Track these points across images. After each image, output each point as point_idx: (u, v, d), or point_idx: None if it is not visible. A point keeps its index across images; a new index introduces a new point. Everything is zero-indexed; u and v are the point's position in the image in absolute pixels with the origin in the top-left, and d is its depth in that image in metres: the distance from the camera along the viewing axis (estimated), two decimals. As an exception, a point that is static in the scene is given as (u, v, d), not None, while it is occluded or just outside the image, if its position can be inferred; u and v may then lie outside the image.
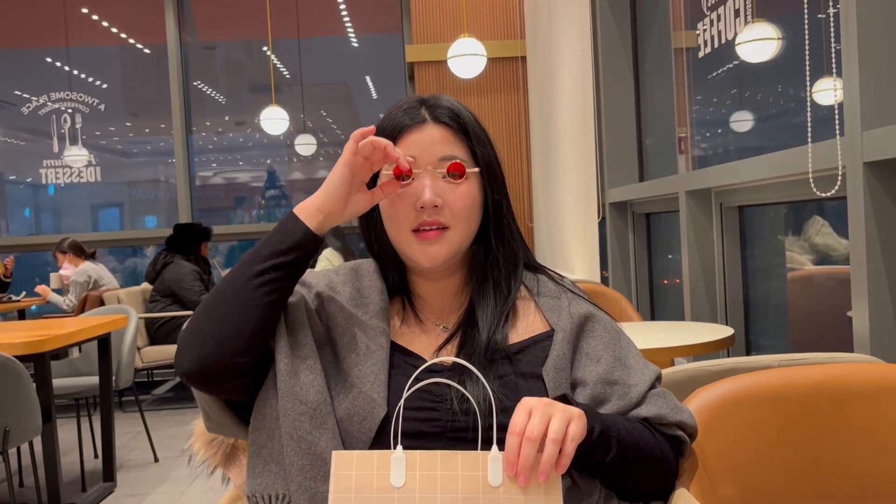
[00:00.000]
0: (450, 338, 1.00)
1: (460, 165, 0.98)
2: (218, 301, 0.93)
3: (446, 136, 1.00)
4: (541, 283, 1.07)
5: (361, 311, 1.01)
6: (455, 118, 1.01)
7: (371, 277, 1.05)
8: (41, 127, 6.05)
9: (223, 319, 0.92)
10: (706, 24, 2.93)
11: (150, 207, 6.69)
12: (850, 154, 1.66)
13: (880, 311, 1.61)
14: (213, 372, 0.92)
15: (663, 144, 3.75)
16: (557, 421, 0.81)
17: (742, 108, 3.29)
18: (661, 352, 2.02)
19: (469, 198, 0.99)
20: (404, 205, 0.97)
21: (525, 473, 0.79)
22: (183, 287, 4.76)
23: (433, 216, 0.97)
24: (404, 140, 0.99)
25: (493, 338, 0.98)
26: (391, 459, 0.80)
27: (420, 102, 1.03)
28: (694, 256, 2.88)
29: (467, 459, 0.80)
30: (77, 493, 3.21)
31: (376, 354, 0.96)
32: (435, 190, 0.97)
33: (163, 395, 5.47)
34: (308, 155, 6.25)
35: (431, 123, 1.00)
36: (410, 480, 0.79)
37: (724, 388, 1.14)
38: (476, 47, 4.37)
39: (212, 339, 0.91)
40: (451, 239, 0.98)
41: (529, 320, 1.03)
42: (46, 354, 2.72)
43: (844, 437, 1.13)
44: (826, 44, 1.90)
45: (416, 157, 0.98)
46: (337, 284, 1.04)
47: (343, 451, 0.82)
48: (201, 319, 0.94)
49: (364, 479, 0.79)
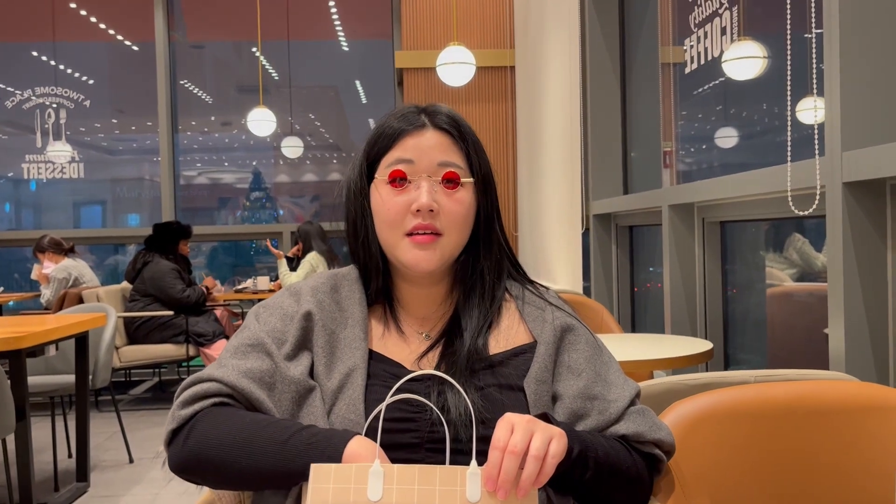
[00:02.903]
0: (431, 346, 1.00)
1: (457, 174, 0.99)
2: (240, 455, 0.89)
3: (445, 143, 1.00)
4: (525, 295, 1.08)
5: (340, 325, 1.00)
6: (455, 125, 1.02)
7: (350, 288, 1.05)
8: (25, 121, 5.99)
9: (239, 474, 0.90)
10: (693, 41, 2.96)
11: (134, 206, 6.64)
12: (829, 174, 1.68)
13: (856, 330, 1.63)
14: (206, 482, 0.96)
15: (648, 158, 3.78)
16: (539, 438, 0.81)
17: (727, 125, 3.33)
18: (641, 364, 2.03)
19: (464, 206, 0.99)
20: (399, 208, 0.97)
21: (506, 488, 0.79)
22: (163, 286, 4.73)
23: (428, 220, 0.97)
24: (403, 143, 1.00)
25: (476, 348, 0.98)
26: (368, 473, 0.80)
27: (419, 110, 1.04)
28: (675, 270, 2.91)
29: (445, 474, 0.80)
30: (49, 493, 3.17)
31: (354, 374, 0.95)
32: (431, 194, 0.97)
33: (140, 395, 5.42)
34: (294, 158, 6.22)
35: (431, 129, 1.01)
36: (387, 494, 0.79)
37: (700, 403, 1.16)
38: (465, 56, 4.38)
39: (221, 481, 0.93)
40: (444, 246, 0.99)
41: (513, 332, 1.03)
42: (23, 351, 2.68)
43: (819, 455, 1.14)
44: (809, 63, 1.93)
45: (415, 161, 0.98)
46: (321, 302, 1.03)
47: (321, 465, 0.81)
48: (221, 454, 0.90)
49: (341, 493, 0.79)
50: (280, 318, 1.01)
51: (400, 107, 1.06)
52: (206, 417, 0.93)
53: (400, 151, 0.99)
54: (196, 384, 0.97)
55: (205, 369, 1.00)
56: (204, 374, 0.98)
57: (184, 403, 0.95)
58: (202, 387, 0.96)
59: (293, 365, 0.96)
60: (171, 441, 0.94)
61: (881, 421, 1.15)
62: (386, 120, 1.04)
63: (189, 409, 0.94)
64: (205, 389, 0.95)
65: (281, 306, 1.02)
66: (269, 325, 1.00)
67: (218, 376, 0.96)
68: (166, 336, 4.71)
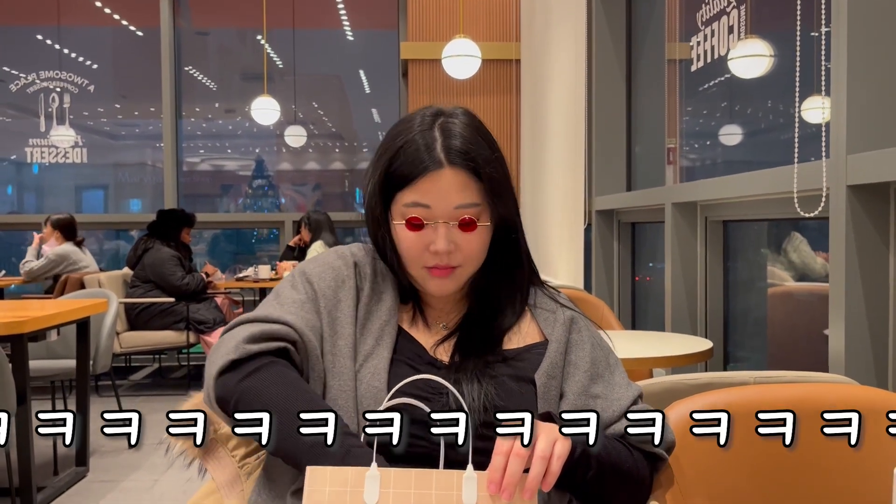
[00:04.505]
0: (449, 335, 1.05)
1: (473, 220, 0.99)
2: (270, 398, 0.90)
3: (462, 181, 0.99)
4: (538, 297, 1.11)
5: (375, 298, 1.05)
6: (470, 160, 0.99)
7: (387, 282, 1.08)
8: (29, 105, 5.98)
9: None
10: (700, 39, 2.95)
11: (136, 191, 6.64)
12: (834, 176, 1.68)
13: (856, 333, 1.63)
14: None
15: (652, 155, 3.77)
16: (544, 440, 0.82)
17: (731, 123, 3.32)
18: (641, 362, 2.04)
19: (481, 242, 1.01)
20: (417, 249, 1.00)
21: (510, 490, 0.80)
22: (163, 273, 4.73)
23: (445, 261, 0.99)
24: (419, 186, 0.98)
25: (489, 339, 1.03)
26: (365, 477, 0.80)
27: (434, 119, 1.02)
28: (677, 267, 2.91)
29: (442, 478, 0.81)
30: (49, 477, 3.18)
31: (381, 346, 1.00)
32: (448, 238, 0.98)
33: (140, 381, 5.44)
34: (297, 146, 6.22)
35: (447, 168, 0.98)
36: (384, 498, 0.79)
37: (700, 403, 1.16)
38: (471, 48, 4.37)
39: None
40: (461, 275, 1.02)
41: (525, 331, 1.06)
42: (24, 336, 2.69)
43: (815, 457, 1.15)
44: (817, 63, 1.92)
45: (431, 206, 0.98)
46: (362, 271, 1.07)
47: (317, 468, 0.81)
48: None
49: (337, 496, 0.79)
50: (333, 278, 1.04)
51: (416, 115, 1.04)
52: (271, 368, 0.92)
53: (416, 195, 0.98)
54: (265, 322, 0.97)
55: (265, 308, 1.01)
56: (273, 314, 0.98)
57: (253, 338, 0.94)
58: (273, 327, 0.96)
59: (339, 327, 1.00)
60: (225, 370, 0.93)
61: (881, 426, 1.15)
62: (403, 143, 1.00)
63: (257, 346, 0.94)
64: (275, 330, 0.96)
65: (333, 267, 1.06)
66: (325, 284, 1.03)
67: (289, 321, 0.97)
68: (167, 323, 4.72)
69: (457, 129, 1.00)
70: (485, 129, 1.05)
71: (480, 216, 1.00)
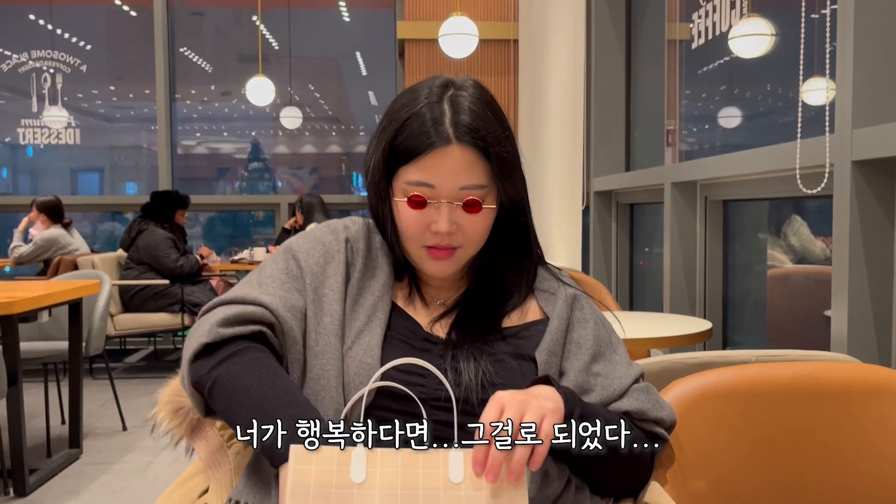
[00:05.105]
0: (446, 312, 1.02)
1: (478, 202, 0.95)
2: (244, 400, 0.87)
3: (469, 160, 0.94)
4: (540, 275, 1.08)
5: (368, 273, 1.02)
6: (480, 138, 0.94)
7: (382, 242, 1.05)
8: (20, 85, 5.91)
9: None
10: (701, 15, 2.90)
11: (131, 174, 6.58)
12: (838, 152, 1.64)
13: (860, 311, 1.60)
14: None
15: (651, 136, 3.73)
16: (530, 417, 0.79)
17: (732, 104, 3.28)
18: (639, 342, 2.02)
19: (484, 224, 0.98)
20: (418, 227, 0.96)
21: (494, 472, 0.77)
22: (157, 254, 4.70)
23: (446, 241, 0.96)
24: (423, 162, 0.94)
25: (489, 317, 1.01)
26: (352, 455, 0.78)
27: (443, 90, 0.97)
28: (676, 248, 2.88)
29: (428, 458, 0.79)
30: (42, 459, 3.16)
31: (374, 322, 0.97)
32: (451, 218, 0.95)
33: (134, 363, 5.42)
34: (293, 128, 6.16)
35: (455, 145, 0.93)
36: (371, 477, 0.78)
37: (700, 382, 1.13)
38: (468, 27, 4.31)
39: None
40: (462, 257, 0.99)
41: (526, 308, 1.04)
42: (15, 317, 2.66)
43: (818, 436, 1.12)
44: (819, 43, 1.88)
45: (435, 186, 0.94)
46: (355, 246, 1.04)
47: (300, 447, 0.79)
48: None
49: (323, 475, 0.78)
50: (322, 254, 1.01)
51: (423, 92, 0.97)
52: (245, 354, 0.89)
53: (420, 173, 0.94)
54: (241, 304, 0.93)
55: (244, 287, 0.97)
56: (249, 295, 0.95)
57: (227, 322, 0.91)
58: (249, 309, 0.93)
59: (325, 304, 0.97)
60: (198, 355, 0.90)
61: (885, 404, 1.13)
62: (409, 115, 0.95)
63: (230, 329, 0.91)
64: (251, 312, 0.92)
65: (322, 242, 1.03)
66: (312, 260, 1.01)
67: (266, 302, 0.94)
68: (162, 305, 4.69)
69: (466, 104, 0.95)
70: (496, 105, 0.99)
71: (486, 198, 0.96)
